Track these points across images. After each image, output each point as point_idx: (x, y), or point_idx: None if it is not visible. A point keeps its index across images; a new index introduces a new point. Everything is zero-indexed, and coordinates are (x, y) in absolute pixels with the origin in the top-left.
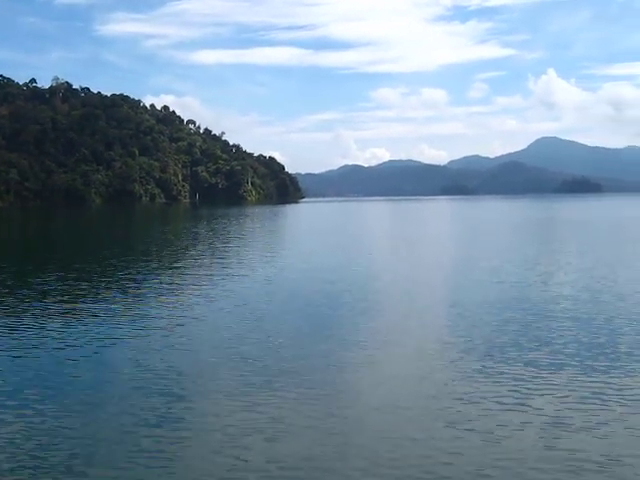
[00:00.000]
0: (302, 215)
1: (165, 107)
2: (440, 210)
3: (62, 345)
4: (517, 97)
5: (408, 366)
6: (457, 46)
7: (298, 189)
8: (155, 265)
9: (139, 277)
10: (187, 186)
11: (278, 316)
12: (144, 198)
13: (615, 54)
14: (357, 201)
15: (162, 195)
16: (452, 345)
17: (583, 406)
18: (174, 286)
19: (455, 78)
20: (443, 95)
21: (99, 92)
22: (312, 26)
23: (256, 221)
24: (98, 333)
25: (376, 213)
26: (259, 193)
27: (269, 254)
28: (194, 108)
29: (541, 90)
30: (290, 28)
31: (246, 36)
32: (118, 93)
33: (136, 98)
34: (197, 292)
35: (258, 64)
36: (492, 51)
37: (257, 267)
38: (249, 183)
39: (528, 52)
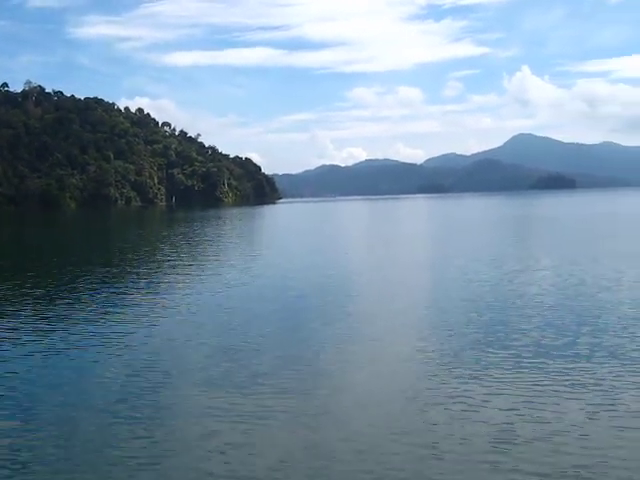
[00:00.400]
0: (278, 216)
1: (140, 110)
2: (416, 209)
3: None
4: (492, 95)
5: (366, 371)
6: (432, 45)
7: (275, 190)
8: (117, 270)
9: (99, 284)
10: (163, 189)
11: (246, 320)
12: (120, 202)
13: (589, 51)
14: (334, 201)
15: (138, 198)
16: (416, 347)
17: (537, 413)
18: (135, 293)
19: (430, 77)
20: (418, 94)
21: (72, 95)
22: (286, 26)
23: (231, 223)
24: (44, 344)
25: (353, 213)
26: (236, 194)
27: (243, 256)
28: (169, 110)
29: (515, 88)
30: (264, 29)
31: (220, 37)
32: (92, 96)
33: (110, 101)
34: (164, 298)
35: (233, 65)
36: (466, 49)
37: (229, 270)
38: (225, 185)
39: (502, 50)
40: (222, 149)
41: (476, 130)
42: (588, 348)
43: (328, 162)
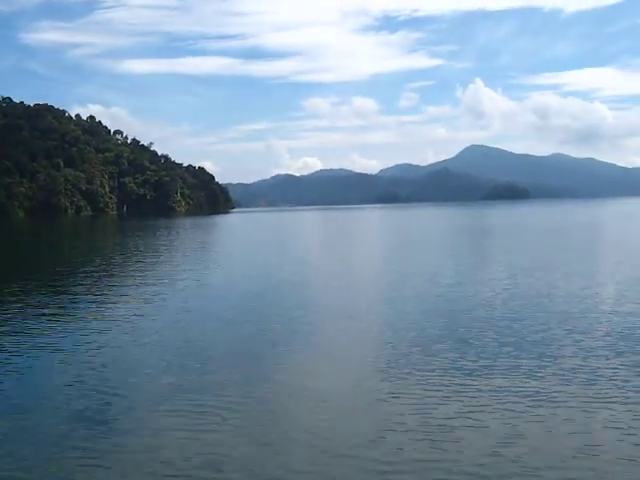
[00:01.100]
0: (230, 226)
1: (91, 117)
2: (369, 220)
3: None
4: (446, 106)
5: (312, 383)
6: (387, 56)
7: (229, 199)
8: (36, 284)
9: (20, 297)
10: (114, 198)
11: (189, 332)
12: (70, 210)
13: (540, 64)
14: (289, 211)
15: (88, 207)
16: (357, 360)
17: (444, 445)
18: (59, 306)
19: (385, 87)
20: (374, 104)
21: (22, 102)
22: (242, 35)
23: (178, 234)
24: None
25: (307, 223)
26: (189, 204)
27: (191, 268)
28: (123, 118)
29: (469, 99)
30: (220, 37)
31: (176, 45)
32: (42, 103)
33: (61, 108)
34: (105, 311)
35: (188, 74)
36: (421, 61)
37: (176, 282)
38: (178, 194)
39: (456, 62)
40: (176, 158)
41: (431, 141)
42: (506, 366)
43: (283, 171)
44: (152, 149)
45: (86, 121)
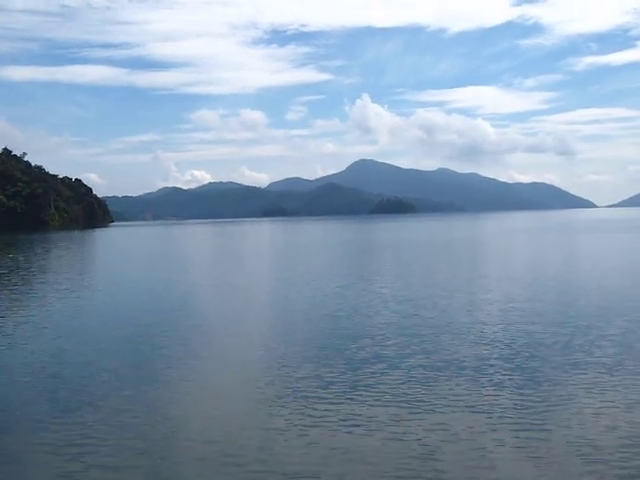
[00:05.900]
0: (93, 246)
1: None
2: (253, 234)
3: None
4: (335, 121)
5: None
6: (276, 69)
7: (107, 212)
8: None
9: None
10: None
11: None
12: None
13: (425, 82)
14: (174, 225)
15: None
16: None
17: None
18: None
19: (274, 101)
20: (263, 117)
21: None
22: (128, 45)
23: (40, 252)
24: None
25: (188, 239)
26: (63, 217)
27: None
28: (0, 127)
29: (357, 114)
30: (105, 46)
31: (58, 53)
32: None
33: None
34: None
35: (71, 83)
36: (310, 75)
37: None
38: (52, 207)
39: (344, 77)
40: (59, 169)
41: (320, 155)
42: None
43: (171, 184)
44: (25, 159)
45: None
